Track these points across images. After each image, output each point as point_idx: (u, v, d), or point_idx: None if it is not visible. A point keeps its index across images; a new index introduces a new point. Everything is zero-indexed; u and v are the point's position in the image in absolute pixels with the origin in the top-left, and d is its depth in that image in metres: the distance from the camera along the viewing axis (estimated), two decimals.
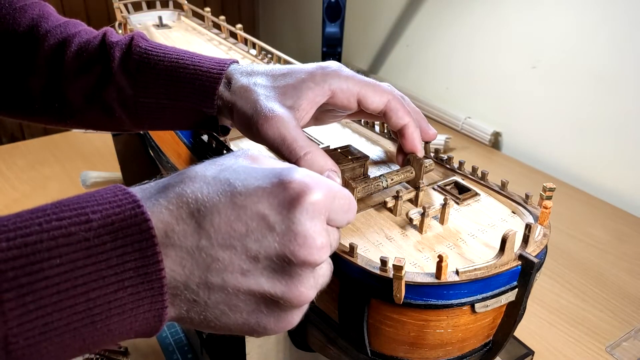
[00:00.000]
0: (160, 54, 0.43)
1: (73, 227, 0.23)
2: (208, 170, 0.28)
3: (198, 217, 0.25)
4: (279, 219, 0.26)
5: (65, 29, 0.46)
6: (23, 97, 0.46)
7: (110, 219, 0.24)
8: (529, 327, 0.61)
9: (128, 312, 0.24)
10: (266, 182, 0.27)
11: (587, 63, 0.89)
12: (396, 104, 0.40)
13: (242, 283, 0.26)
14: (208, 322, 0.27)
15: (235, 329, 0.28)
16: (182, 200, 0.26)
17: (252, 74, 0.41)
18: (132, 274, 0.24)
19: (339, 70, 0.40)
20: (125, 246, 0.24)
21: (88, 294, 0.23)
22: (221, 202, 0.26)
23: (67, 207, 0.24)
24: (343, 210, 0.29)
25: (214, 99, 0.41)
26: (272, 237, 0.26)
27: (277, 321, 0.28)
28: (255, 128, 0.37)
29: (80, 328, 0.23)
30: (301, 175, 0.27)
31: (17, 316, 0.21)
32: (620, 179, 0.89)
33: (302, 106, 0.38)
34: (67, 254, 0.22)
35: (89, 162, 0.95)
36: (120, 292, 0.24)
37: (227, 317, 0.27)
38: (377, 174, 0.40)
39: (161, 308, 0.25)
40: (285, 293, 0.27)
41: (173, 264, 0.25)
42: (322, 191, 0.27)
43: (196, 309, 0.26)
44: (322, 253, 0.27)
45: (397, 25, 1.27)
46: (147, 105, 0.43)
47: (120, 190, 0.25)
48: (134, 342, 0.56)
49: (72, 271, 0.22)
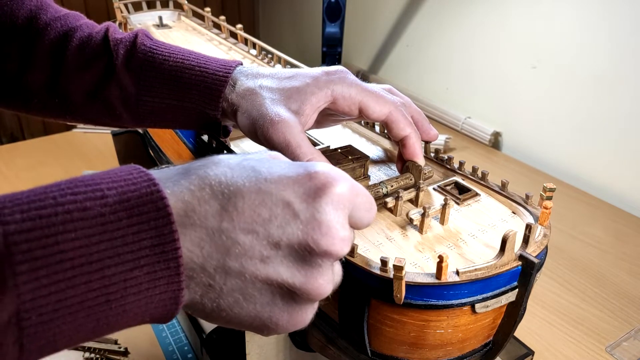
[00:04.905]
0: (166, 54, 0.43)
1: (88, 202, 0.22)
2: (232, 158, 0.27)
3: (222, 199, 0.25)
4: (303, 206, 0.26)
5: (66, 22, 0.45)
6: (22, 91, 0.45)
7: (126, 195, 0.23)
8: (529, 327, 0.61)
9: (144, 292, 0.24)
10: (292, 171, 0.27)
11: (587, 63, 0.89)
12: (398, 116, 0.40)
13: (260, 270, 0.26)
14: (220, 310, 0.26)
15: (246, 322, 0.27)
16: (204, 182, 0.25)
17: (257, 76, 0.41)
18: (149, 252, 0.23)
19: (344, 77, 0.40)
20: (141, 223, 0.23)
21: (103, 270, 0.22)
22: (245, 187, 0.26)
23: (82, 183, 0.23)
24: (365, 209, 0.29)
25: (219, 102, 0.41)
26: (296, 225, 0.26)
27: (290, 316, 0.27)
28: (260, 132, 0.37)
29: (95, 307, 0.22)
30: (327, 168, 0.27)
31: (30, 290, 0.21)
32: (620, 179, 0.89)
33: (305, 112, 0.38)
34: (82, 229, 0.22)
35: (89, 162, 0.95)
36: (136, 271, 0.23)
37: (240, 307, 0.26)
38: (377, 174, 0.40)
39: (177, 289, 0.24)
40: (303, 284, 0.26)
41: (191, 245, 0.25)
42: (347, 185, 0.27)
43: (210, 295, 0.26)
44: (344, 245, 0.26)
45: (397, 25, 1.27)
46: (150, 104, 0.43)
47: (135, 169, 0.25)
48: (134, 342, 0.56)
49: (87, 247, 0.22)
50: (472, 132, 1.09)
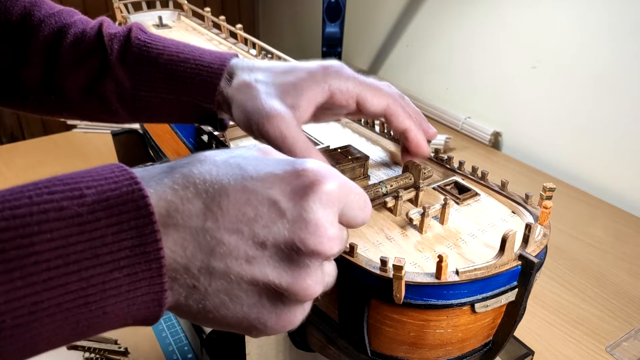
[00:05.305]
0: (160, 47, 0.42)
1: (65, 201, 0.22)
2: (218, 155, 0.27)
3: (205, 198, 0.24)
4: (290, 205, 0.25)
5: (60, 18, 0.45)
6: (18, 88, 0.45)
7: (106, 194, 0.23)
8: (529, 327, 0.61)
9: (124, 295, 0.23)
10: (279, 169, 0.26)
11: (587, 63, 0.89)
12: (396, 108, 0.40)
13: (246, 270, 0.25)
14: (206, 312, 0.26)
15: (234, 323, 0.26)
16: (188, 181, 0.25)
17: (253, 69, 0.40)
18: (129, 253, 0.23)
19: (340, 70, 0.39)
20: (120, 223, 0.22)
21: (81, 272, 0.22)
22: (231, 185, 0.25)
23: (61, 182, 0.23)
24: (359, 207, 0.28)
25: (215, 95, 0.40)
26: (282, 224, 0.25)
27: (279, 318, 0.26)
28: (255, 126, 0.37)
29: (73, 309, 0.22)
30: (316, 165, 0.26)
31: (4, 292, 0.20)
32: (620, 179, 0.89)
33: (302, 106, 0.38)
34: (58, 229, 0.21)
35: (89, 162, 0.95)
36: (115, 272, 0.22)
37: (227, 309, 0.26)
38: (377, 174, 0.40)
39: (160, 291, 0.24)
40: (290, 285, 0.25)
41: (174, 245, 0.24)
42: (336, 182, 0.26)
43: (195, 296, 0.25)
44: (333, 244, 0.26)
45: (397, 25, 1.27)
46: (146, 99, 0.42)
47: (117, 167, 0.24)
48: (134, 342, 0.56)
49: (64, 247, 0.21)
50: (472, 132, 1.09)
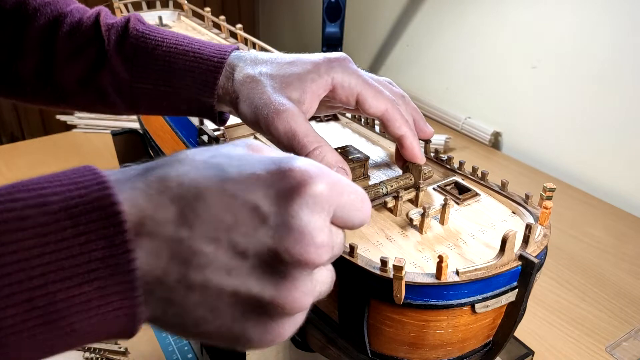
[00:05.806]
0: (159, 39, 0.41)
1: (28, 210, 0.20)
2: (200, 154, 0.24)
3: (180, 203, 0.22)
4: (273, 210, 0.23)
5: (56, 7, 0.43)
6: (14, 78, 0.44)
7: (74, 201, 0.21)
8: (529, 327, 0.61)
9: (95, 310, 0.21)
10: (262, 168, 0.23)
11: (587, 63, 0.89)
12: (394, 114, 0.39)
13: (226, 282, 0.22)
14: (187, 327, 0.23)
15: (217, 338, 0.24)
16: (163, 185, 0.22)
17: (256, 62, 0.39)
18: (99, 265, 0.21)
19: (345, 64, 0.38)
20: (88, 233, 0.21)
21: (47, 287, 0.20)
22: (208, 188, 0.23)
23: (25, 188, 0.21)
24: (355, 208, 0.25)
25: (215, 88, 0.39)
26: (264, 231, 0.22)
27: (265, 332, 0.24)
28: (264, 121, 0.36)
29: (40, 326, 0.20)
30: (304, 163, 0.24)
31: None
32: (620, 179, 0.89)
33: (307, 100, 0.37)
34: (20, 241, 0.20)
35: (88, 162, 0.94)
36: (84, 286, 0.20)
37: (208, 323, 0.23)
38: (377, 174, 0.40)
39: (133, 306, 0.22)
40: (275, 298, 0.23)
41: (148, 256, 0.22)
42: (326, 183, 0.24)
43: (173, 311, 0.23)
44: (322, 252, 0.23)
45: (397, 25, 1.27)
46: (144, 91, 0.42)
47: (88, 170, 0.22)
48: (134, 342, 0.56)
49: (27, 260, 0.20)
50: (472, 132, 1.09)
